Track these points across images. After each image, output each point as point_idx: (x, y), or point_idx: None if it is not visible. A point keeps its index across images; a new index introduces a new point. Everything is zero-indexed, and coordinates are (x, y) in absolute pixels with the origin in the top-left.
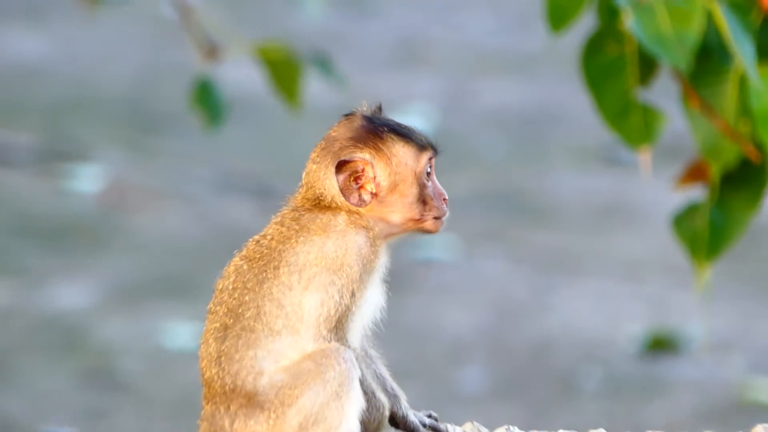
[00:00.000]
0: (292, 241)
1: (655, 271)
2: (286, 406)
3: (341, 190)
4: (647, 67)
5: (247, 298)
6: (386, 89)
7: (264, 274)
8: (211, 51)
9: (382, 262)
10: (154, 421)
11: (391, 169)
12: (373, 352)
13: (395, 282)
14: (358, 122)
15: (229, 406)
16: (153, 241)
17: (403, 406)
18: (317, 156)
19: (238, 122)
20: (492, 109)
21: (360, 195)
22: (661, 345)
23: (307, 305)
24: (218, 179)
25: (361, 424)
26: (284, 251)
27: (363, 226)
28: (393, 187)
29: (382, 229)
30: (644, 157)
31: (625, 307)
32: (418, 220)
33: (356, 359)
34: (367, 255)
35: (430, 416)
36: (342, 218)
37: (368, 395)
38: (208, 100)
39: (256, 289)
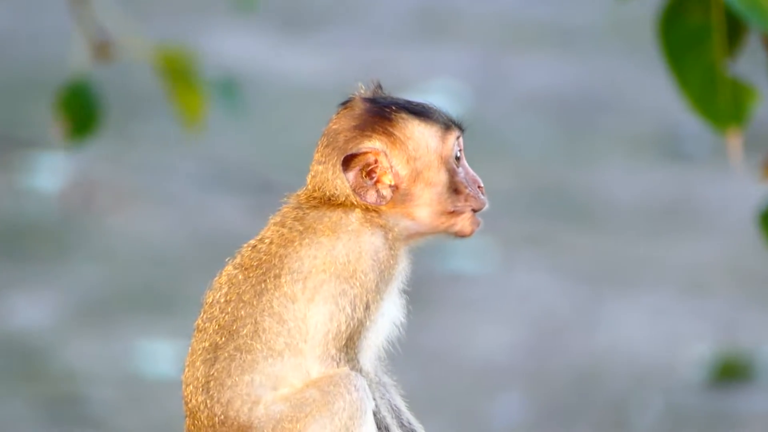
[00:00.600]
0: (296, 244)
1: (723, 283)
2: None
3: (354, 190)
4: (734, 36)
5: (242, 312)
6: (405, 67)
7: (263, 285)
8: (101, 48)
9: (402, 268)
10: None
11: (409, 154)
12: (387, 379)
13: (417, 296)
14: (359, 107)
15: None
16: (126, 247)
17: None
18: (321, 155)
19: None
20: (530, 91)
21: (378, 191)
22: (730, 372)
23: (313, 320)
24: (204, 173)
25: None
26: (286, 256)
27: (380, 226)
28: (416, 176)
29: (404, 228)
30: (733, 140)
31: (687, 325)
32: (452, 213)
33: (369, 387)
34: (384, 260)
35: None
36: (356, 216)
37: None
38: (78, 105)
39: (254, 302)
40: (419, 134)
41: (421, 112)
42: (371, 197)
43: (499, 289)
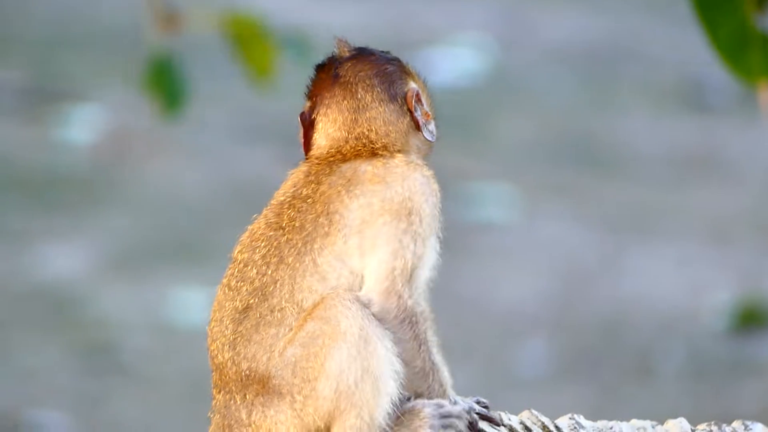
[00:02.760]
0: (344, 198)
1: (746, 232)
2: (312, 380)
3: (419, 126)
4: None
5: (283, 274)
6: (432, 20)
7: (308, 246)
8: (170, 20)
9: None
10: (160, 409)
11: (426, 91)
12: (431, 335)
13: (445, 245)
14: (372, 55)
15: (245, 395)
16: (158, 197)
17: (449, 393)
18: (366, 102)
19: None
20: (555, 43)
21: (428, 126)
22: (752, 319)
23: (377, 262)
24: (236, 125)
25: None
26: (335, 213)
27: (419, 165)
28: (431, 110)
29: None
30: (764, 94)
31: (710, 274)
32: (430, 141)
33: (422, 319)
34: (433, 195)
35: (479, 403)
36: (399, 160)
37: (434, 366)
38: (165, 81)
39: (296, 265)
40: (419, 73)
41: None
42: (428, 133)
43: (525, 238)
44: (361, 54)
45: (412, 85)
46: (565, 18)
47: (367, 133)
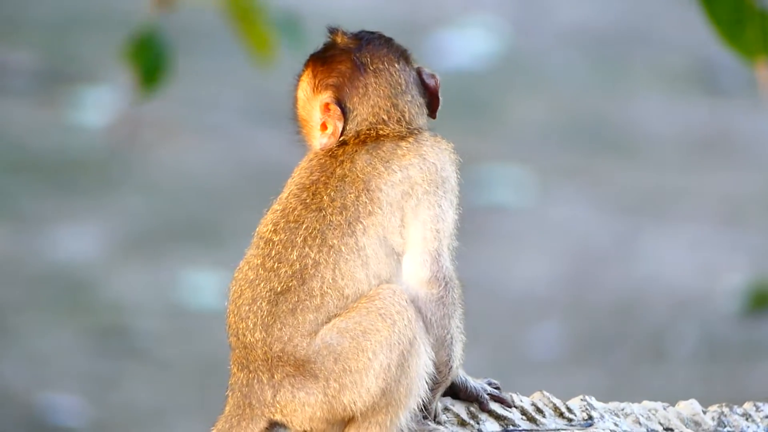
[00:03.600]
0: (383, 175)
1: (759, 214)
2: (355, 372)
3: (439, 104)
4: None
5: (327, 258)
6: (445, 1)
7: (353, 227)
8: None
9: None
10: (173, 391)
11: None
12: None
13: (457, 228)
14: (382, 38)
15: (273, 375)
16: (172, 180)
17: (460, 374)
18: (396, 82)
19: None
20: (568, 26)
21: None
22: (765, 301)
23: (421, 228)
24: (249, 107)
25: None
26: (376, 190)
27: (442, 139)
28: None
29: None
30: (763, 72)
31: (723, 256)
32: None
33: (455, 288)
34: (456, 165)
35: (490, 384)
36: (426, 137)
37: (453, 338)
38: (147, 55)
39: (341, 248)
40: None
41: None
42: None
43: (538, 220)
44: (368, 39)
45: (417, 65)
46: (578, 1)
47: (403, 115)
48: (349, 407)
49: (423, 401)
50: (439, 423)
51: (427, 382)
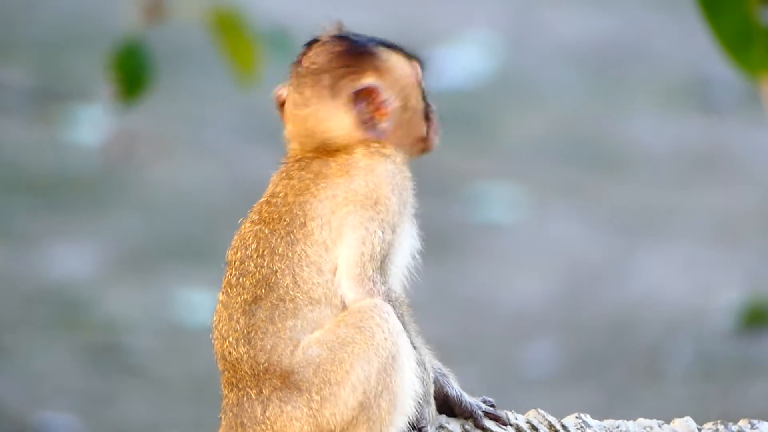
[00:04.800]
0: (312, 190)
1: (753, 232)
2: (334, 384)
3: (361, 124)
4: None
5: (280, 265)
6: (440, 18)
7: (292, 236)
8: (152, 9)
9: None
10: (168, 409)
11: (398, 85)
12: (413, 325)
13: (451, 246)
14: (337, 46)
15: (261, 390)
16: (166, 198)
17: (454, 387)
18: (307, 98)
19: (267, 56)
20: (563, 42)
21: (376, 125)
22: (759, 319)
23: (344, 250)
24: (243, 125)
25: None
26: (306, 203)
27: (385, 155)
28: (405, 106)
29: (401, 155)
30: (767, 89)
31: (718, 274)
32: (425, 138)
33: (398, 304)
34: (400, 183)
35: (485, 401)
36: (360, 153)
37: (416, 348)
38: (129, 67)
39: (289, 254)
40: (401, 66)
41: (392, 45)
42: (374, 131)
43: (532, 238)
44: (333, 41)
45: (366, 81)
46: (573, 17)
47: (313, 129)
48: (332, 421)
49: (413, 420)
50: None
51: (415, 401)
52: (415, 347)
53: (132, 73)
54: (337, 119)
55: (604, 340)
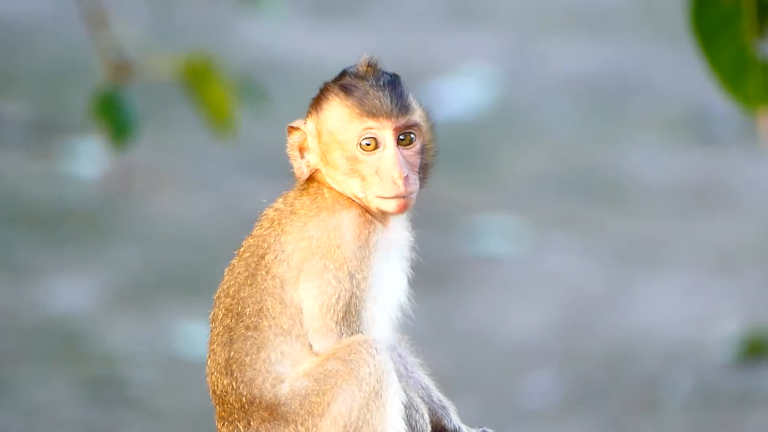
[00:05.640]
0: (279, 227)
1: (752, 263)
2: (316, 416)
3: (289, 157)
4: (765, 17)
5: (243, 293)
6: (438, 51)
7: (254, 267)
8: (121, 69)
9: (388, 236)
10: None
11: (321, 135)
12: (412, 359)
13: (450, 278)
14: (329, 83)
15: (249, 422)
16: (165, 231)
17: (454, 419)
18: (287, 132)
19: (266, 90)
20: (561, 75)
21: (301, 165)
22: (759, 350)
23: (305, 297)
24: (241, 159)
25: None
26: (269, 238)
27: (346, 201)
28: (323, 156)
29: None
30: (763, 121)
31: (717, 304)
32: (361, 198)
33: (375, 350)
34: (359, 230)
35: None
36: (328, 194)
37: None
38: (113, 112)
39: (249, 283)
40: (333, 116)
41: (349, 91)
42: (298, 170)
43: (531, 269)
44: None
45: (302, 121)
46: (571, 49)
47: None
48: None
49: None
50: None
51: None
52: (406, 390)
53: (116, 119)
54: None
55: (603, 371)
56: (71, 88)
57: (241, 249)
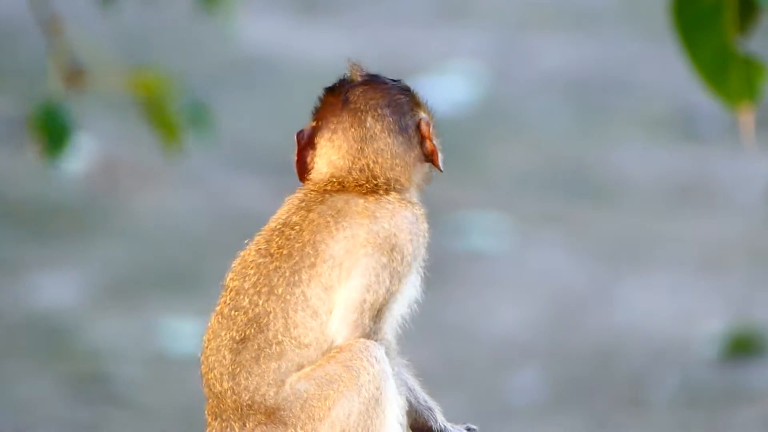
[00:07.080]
0: (331, 229)
1: (739, 261)
2: (316, 420)
3: (437, 155)
4: (747, 14)
5: (275, 306)
6: (423, 48)
7: (297, 276)
8: (73, 77)
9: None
10: None
11: (434, 121)
12: (398, 359)
13: (435, 275)
14: (385, 84)
15: (244, 424)
16: (151, 227)
17: (439, 420)
18: (374, 133)
19: (252, 87)
20: (547, 72)
21: (434, 159)
22: (745, 347)
23: (348, 292)
24: (228, 155)
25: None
26: (321, 243)
27: (412, 203)
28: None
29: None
30: (745, 117)
31: (703, 302)
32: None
33: (390, 356)
34: (420, 234)
35: (469, 430)
36: (393, 197)
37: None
38: (50, 124)
39: (287, 297)
40: (428, 103)
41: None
42: (442, 163)
43: (516, 267)
44: (374, 81)
45: (423, 115)
46: (558, 46)
47: (372, 165)
48: None
49: None
50: None
51: None
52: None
53: (52, 133)
54: (405, 154)
55: (589, 368)
56: (56, 84)
57: (268, 247)
